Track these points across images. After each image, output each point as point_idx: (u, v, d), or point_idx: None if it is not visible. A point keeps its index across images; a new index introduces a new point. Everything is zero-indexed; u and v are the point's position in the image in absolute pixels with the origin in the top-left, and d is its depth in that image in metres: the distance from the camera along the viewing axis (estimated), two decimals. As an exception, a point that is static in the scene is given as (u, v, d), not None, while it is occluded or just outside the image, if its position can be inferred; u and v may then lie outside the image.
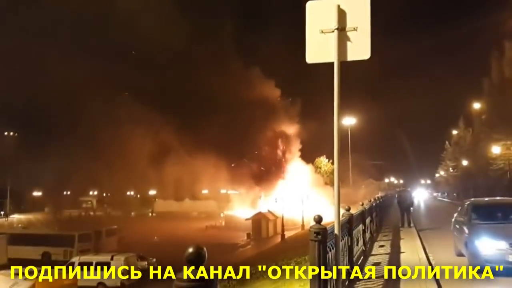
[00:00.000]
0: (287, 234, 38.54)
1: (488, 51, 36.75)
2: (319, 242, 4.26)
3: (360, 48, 4.54)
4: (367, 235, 10.70)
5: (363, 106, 71.77)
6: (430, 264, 9.01)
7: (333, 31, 4.54)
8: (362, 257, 9.13)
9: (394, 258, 9.37)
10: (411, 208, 19.27)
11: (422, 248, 11.06)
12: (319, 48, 4.67)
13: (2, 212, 57.57)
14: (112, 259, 23.91)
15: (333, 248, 4.81)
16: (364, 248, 9.69)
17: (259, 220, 44.36)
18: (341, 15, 4.53)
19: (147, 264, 28.48)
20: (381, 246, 11.41)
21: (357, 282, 6.82)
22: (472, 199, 13.15)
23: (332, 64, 4.61)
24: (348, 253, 6.76)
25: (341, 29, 4.53)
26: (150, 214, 71.56)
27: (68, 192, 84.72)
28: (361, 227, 9.39)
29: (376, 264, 8.65)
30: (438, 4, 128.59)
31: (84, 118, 61.19)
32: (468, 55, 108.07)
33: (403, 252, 10.28)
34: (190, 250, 1.91)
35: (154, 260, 29.53)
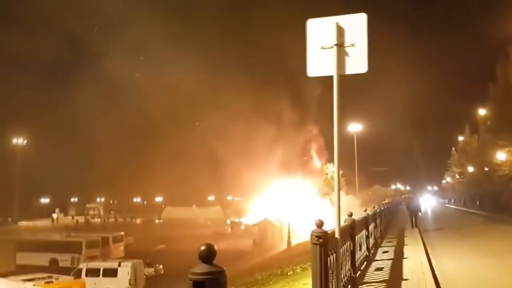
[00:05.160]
0: (293, 241, 38.46)
1: (494, 56, 36.75)
2: (321, 246, 4.47)
3: (357, 62, 4.83)
4: (371, 240, 10.86)
5: (369, 112, 71.96)
6: (432, 269, 9.17)
7: (332, 47, 4.84)
8: (365, 263, 9.31)
9: (397, 264, 9.54)
10: (419, 213, 21.74)
11: (425, 254, 11.21)
12: (319, 62, 4.97)
13: (10, 218, 58.35)
14: (119, 265, 24.20)
15: (334, 252, 5.03)
16: (367, 254, 9.86)
17: (265, 226, 44.39)
18: (340, 32, 4.84)
19: (153, 270, 28.76)
20: (385, 251, 11.57)
21: (359, 287, 7.03)
22: None
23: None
24: (350, 258, 6.96)
25: (340, 45, 4.82)
26: (156, 220, 71.88)
27: (76, 199, 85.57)
28: (364, 232, 9.56)
29: (379, 269, 8.83)
30: (443, 8, 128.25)
31: (94, 126, 61.75)
32: (474, 60, 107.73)
33: (406, 258, 10.45)
34: (203, 248, 2.22)
35: (161, 266, 29.80)
